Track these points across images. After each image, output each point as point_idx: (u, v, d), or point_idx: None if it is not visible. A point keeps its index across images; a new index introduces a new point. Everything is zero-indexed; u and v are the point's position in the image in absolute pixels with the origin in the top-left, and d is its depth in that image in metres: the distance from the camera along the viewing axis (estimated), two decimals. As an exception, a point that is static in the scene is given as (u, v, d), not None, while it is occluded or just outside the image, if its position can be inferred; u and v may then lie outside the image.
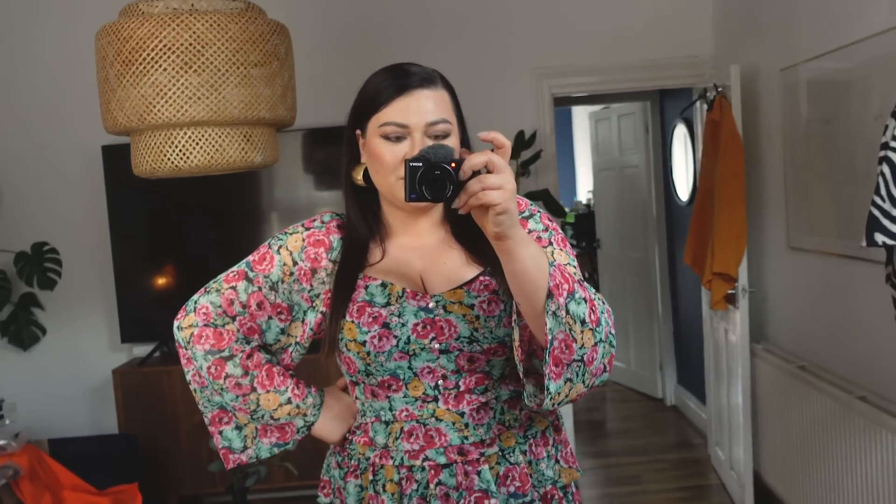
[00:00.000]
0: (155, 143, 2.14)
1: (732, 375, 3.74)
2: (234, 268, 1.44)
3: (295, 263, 1.40)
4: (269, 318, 1.41)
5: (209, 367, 1.40)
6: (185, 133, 2.13)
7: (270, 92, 2.25)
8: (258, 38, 2.19)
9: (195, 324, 1.40)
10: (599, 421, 5.29)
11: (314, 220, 1.46)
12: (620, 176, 5.74)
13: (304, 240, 1.41)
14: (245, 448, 1.47)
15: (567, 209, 7.23)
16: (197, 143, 2.14)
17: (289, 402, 1.43)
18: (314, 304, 1.40)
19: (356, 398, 1.44)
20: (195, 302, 1.43)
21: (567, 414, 4.25)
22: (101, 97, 2.18)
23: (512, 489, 1.36)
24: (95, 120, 3.34)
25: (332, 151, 4.19)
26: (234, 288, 1.40)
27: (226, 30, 2.11)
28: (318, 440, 1.51)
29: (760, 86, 3.61)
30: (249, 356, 1.40)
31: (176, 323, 1.43)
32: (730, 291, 3.56)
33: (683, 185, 4.86)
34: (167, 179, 2.71)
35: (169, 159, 2.13)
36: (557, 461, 1.43)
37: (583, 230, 6.72)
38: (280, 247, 1.41)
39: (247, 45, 2.17)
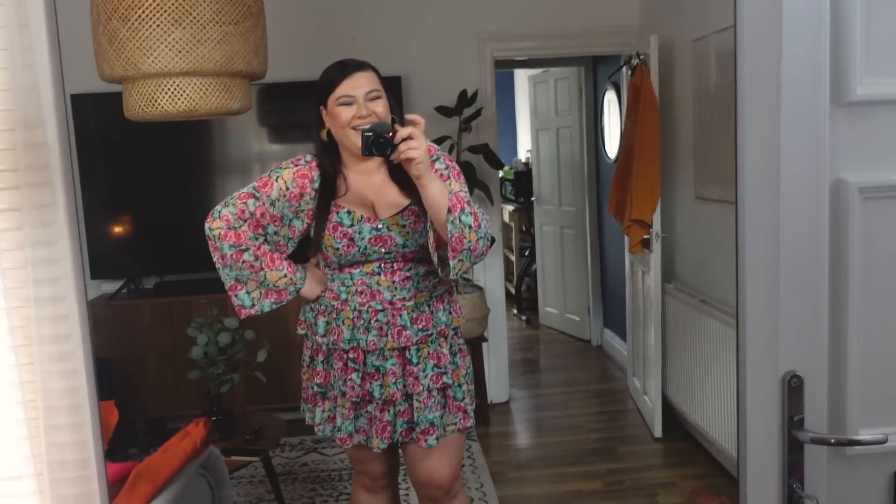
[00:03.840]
0: (146, 90, 2.46)
1: (648, 312, 4.23)
2: (244, 189, 2.17)
3: (288, 189, 2.15)
4: (268, 224, 2.16)
5: (232, 255, 2.14)
6: (173, 81, 2.46)
7: (245, 48, 2.58)
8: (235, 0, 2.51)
9: (221, 227, 2.12)
10: (533, 360, 5.78)
11: (299, 160, 2.22)
12: (556, 136, 6.17)
13: (294, 174, 2.17)
14: (253, 305, 2.21)
15: (507, 167, 7.64)
16: (183, 91, 2.47)
17: (285, 276, 2.20)
18: (299, 216, 2.19)
19: (328, 273, 2.23)
20: (219, 212, 2.13)
21: (503, 352, 4.76)
22: (97, 48, 2.49)
23: (420, 325, 2.18)
24: (66, 69, 3.61)
25: (285, 106, 4.53)
26: (245, 203, 2.13)
27: (208, -8, 2.43)
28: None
29: (676, 54, 4.06)
30: (258, 248, 2.16)
31: (207, 224, 2.13)
32: (645, 237, 4.04)
33: (612, 144, 5.32)
34: (129, 131, 3.05)
35: (159, 104, 2.46)
36: (450, 313, 2.27)
37: (521, 186, 7.14)
38: (277, 177, 2.17)
39: (226, 6, 2.49)
